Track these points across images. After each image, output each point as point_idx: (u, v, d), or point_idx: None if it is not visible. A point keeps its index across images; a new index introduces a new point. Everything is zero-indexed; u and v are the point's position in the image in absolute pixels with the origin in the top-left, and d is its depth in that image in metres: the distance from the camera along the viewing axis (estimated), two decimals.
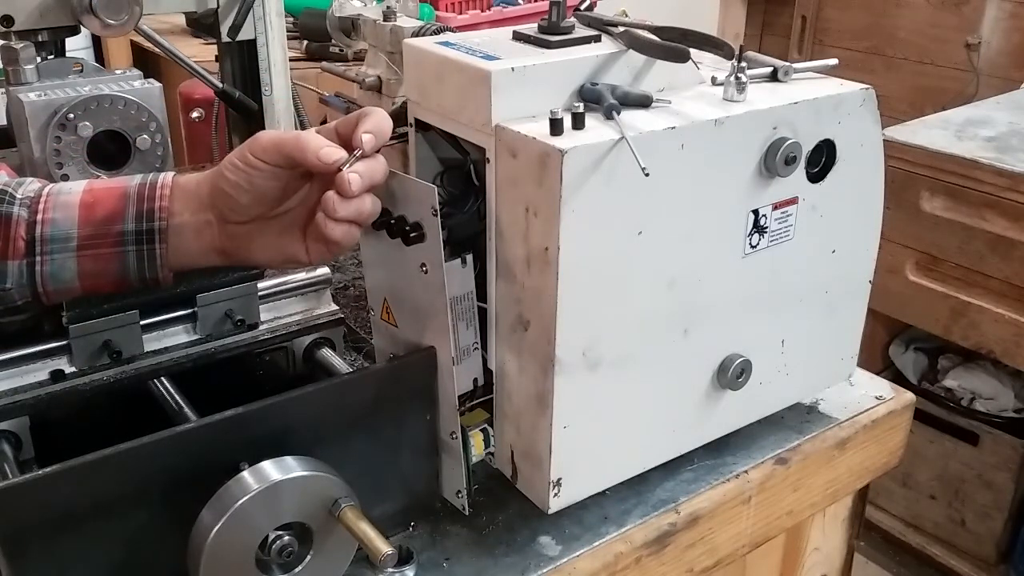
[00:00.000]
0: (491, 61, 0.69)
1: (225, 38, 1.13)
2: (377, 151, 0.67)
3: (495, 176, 0.69)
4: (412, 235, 0.68)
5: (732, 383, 0.78)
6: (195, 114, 1.79)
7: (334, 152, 0.65)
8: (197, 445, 0.62)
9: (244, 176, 0.67)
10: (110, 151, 0.95)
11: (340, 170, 0.64)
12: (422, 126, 0.76)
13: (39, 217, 0.68)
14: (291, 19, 1.93)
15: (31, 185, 0.70)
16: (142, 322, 0.77)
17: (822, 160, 0.77)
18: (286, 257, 0.70)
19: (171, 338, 0.80)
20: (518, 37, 0.75)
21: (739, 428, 0.84)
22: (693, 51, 0.71)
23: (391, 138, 0.68)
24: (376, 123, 0.66)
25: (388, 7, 1.11)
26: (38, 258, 0.67)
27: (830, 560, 1.03)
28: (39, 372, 0.74)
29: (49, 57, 1.02)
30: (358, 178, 0.64)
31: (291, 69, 1.23)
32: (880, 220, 0.85)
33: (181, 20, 2.33)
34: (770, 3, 3.52)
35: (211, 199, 0.68)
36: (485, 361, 0.76)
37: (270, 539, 0.62)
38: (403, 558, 0.71)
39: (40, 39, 0.99)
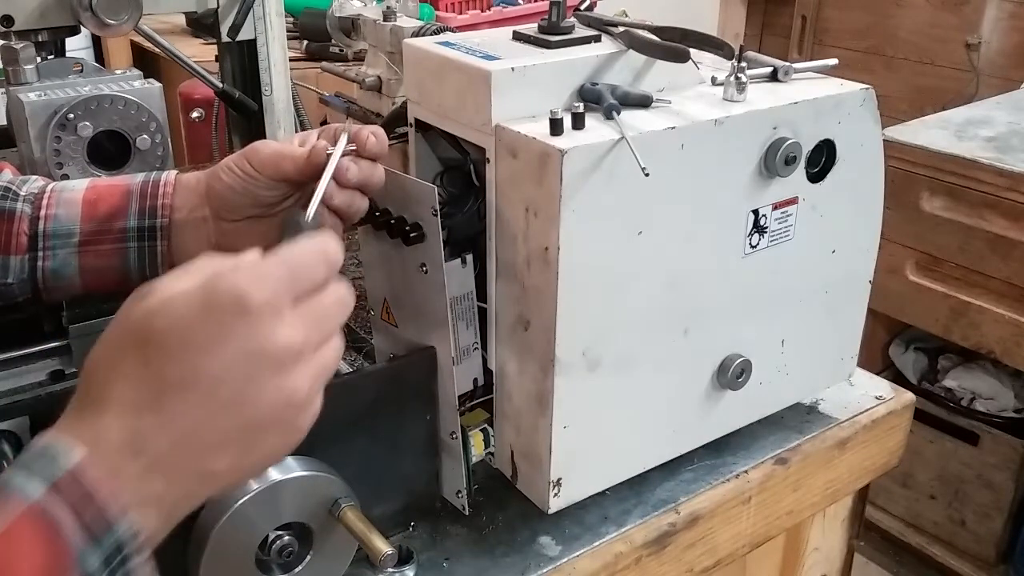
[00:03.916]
0: (491, 61, 0.69)
1: (225, 38, 1.13)
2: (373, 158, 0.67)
3: (495, 176, 0.69)
4: (412, 235, 0.68)
5: (732, 383, 0.78)
6: (195, 114, 1.79)
7: (320, 145, 0.66)
8: None
9: (240, 182, 0.67)
10: (110, 151, 0.95)
11: (329, 154, 0.65)
12: (422, 126, 0.76)
13: (42, 213, 0.68)
14: (291, 19, 1.92)
15: (35, 182, 0.71)
16: None
17: (822, 160, 0.77)
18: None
19: None
20: (518, 37, 0.75)
21: (739, 428, 0.84)
22: (693, 51, 0.71)
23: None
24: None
25: (388, 7, 1.11)
26: (40, 253, 0.68)
27: (830, 560, 1.03)
28: (39, 372, 0.74)
29: (49, 57, 1.02)
30: (357, 169, 0.65)
31: (291, 69, 1.22)
32: (880, 220, 0.85)
33: (181, 20, 2.34)
34: (770, 3, 3.52)
35: (207, 196, 0.69)
36: (485, 361, 0.76)
37: (270, 539, 0.62)
38: (403, 558, 0.71)
39: (40, 39, 0.99)
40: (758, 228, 0.75)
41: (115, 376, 0.46)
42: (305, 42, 2.15)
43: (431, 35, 0.97)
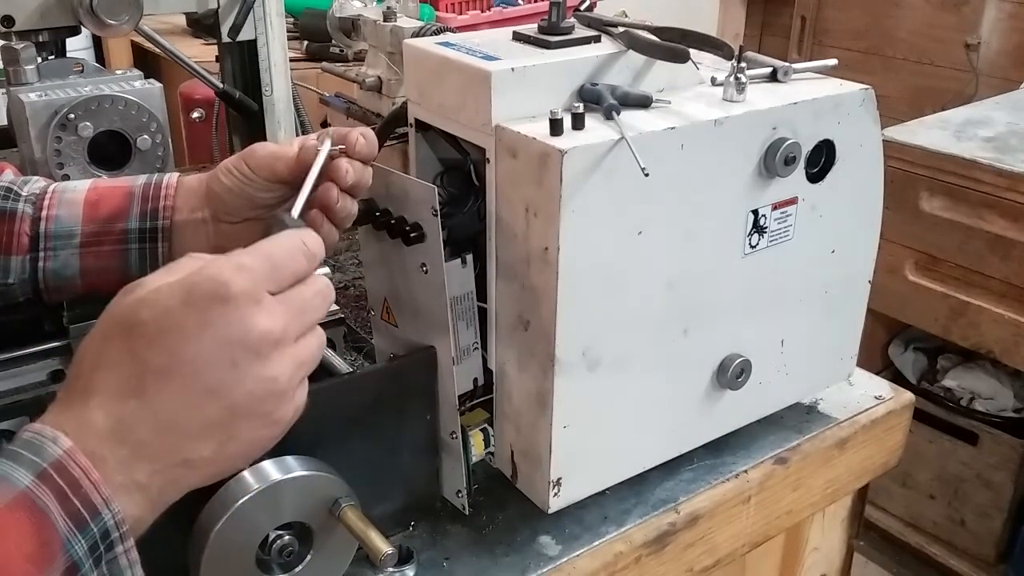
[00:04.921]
0: (491, 61, 0.69)
1: (225, 38, 1.13)
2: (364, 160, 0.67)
3: (495, 176, 0.69)
4: (412, 235, 0.68)
5: (732, 383, 0.79)
6: (195, 114, 1.79)
7: (310, 143, 0.66)
8: None
9: (237, 183, 0.68)
10: (111, 151, 0.95)
11: (332, 157, 0.65)
12: (422, 126, 0.77)
13: (44, 213, 0.68)
14: (291, 19, 1.93)
15: (36, 183, 0.71)
16: None
17: (821, 160, 0.77)
18: None
19: None
20: (518, 37, 0.75)
21: (739, 428, 0.84)
22: (693, 51, 0.71)
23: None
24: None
25: (388, 8, 1.12)
26: (41, 254, 0.68)
27: (829, 560, 1.03)
28: (39, 372, 0.75)
29: (50, 57, 1.02)
30: (353, 171, 0.66)
31: (291, 69, 1.22)
32: (879, 220, 0.85)
33: (181, 20, 2.34)
34: (770, 3, 3.52)
35: (207, 198, 0.69)
36: (485, 361, 0.76)
37: (270, 539, 0.62)
38: (403, 558, 0.71)
39: (40, 39, 0.99)
40: (758, 228, 0.75)
41: (101, 364, 0.47)
42: (305, 42, 2.16)
43: (431, 35, 0.98)
